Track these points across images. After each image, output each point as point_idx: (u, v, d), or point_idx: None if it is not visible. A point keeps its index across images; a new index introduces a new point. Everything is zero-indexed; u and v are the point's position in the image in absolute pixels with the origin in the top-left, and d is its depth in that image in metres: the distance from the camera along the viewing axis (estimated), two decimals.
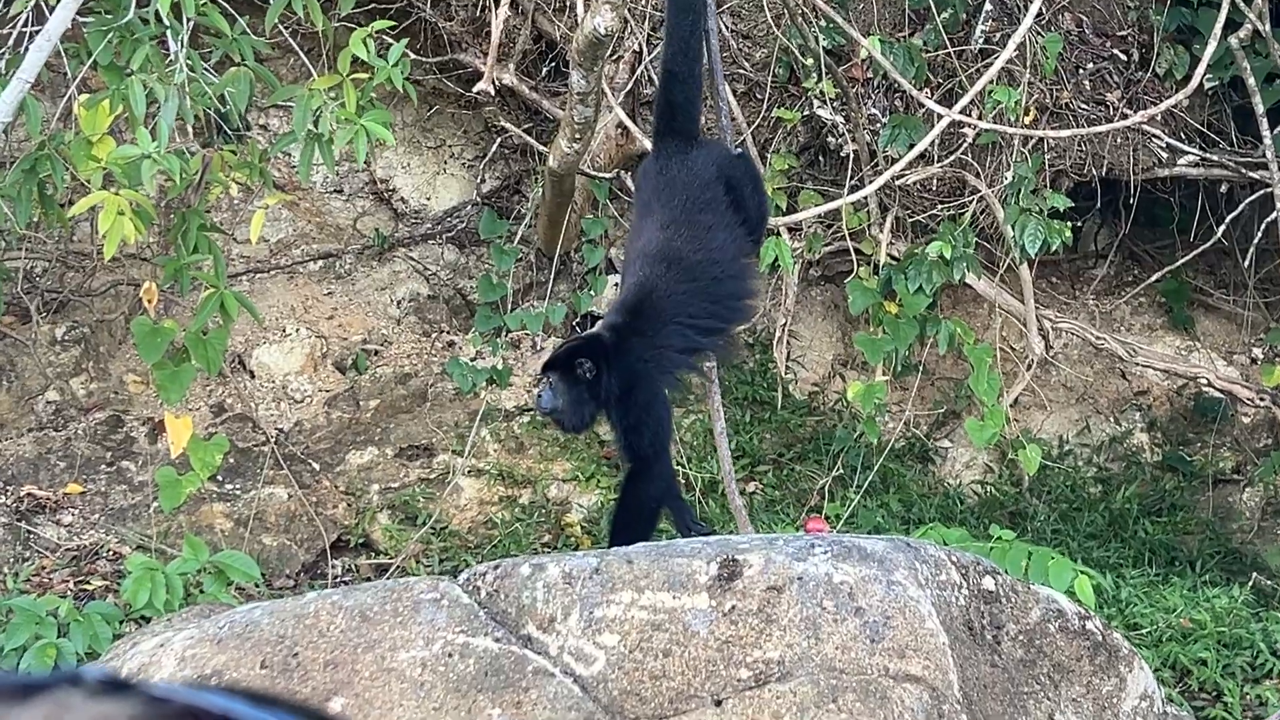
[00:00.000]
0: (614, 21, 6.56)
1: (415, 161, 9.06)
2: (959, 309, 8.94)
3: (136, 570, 6.52)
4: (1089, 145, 8.41)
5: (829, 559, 4.68)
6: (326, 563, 7.88)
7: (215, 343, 6.69)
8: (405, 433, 8.47)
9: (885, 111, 8.30)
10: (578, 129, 7.27)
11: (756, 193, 5.79)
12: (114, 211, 5.97)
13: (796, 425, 8.66)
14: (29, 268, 8.33)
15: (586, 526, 8.09)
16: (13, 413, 8.23)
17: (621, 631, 4.58)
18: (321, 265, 8.97)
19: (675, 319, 5.39)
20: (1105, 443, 9.09)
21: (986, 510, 8.40)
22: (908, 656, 4.56)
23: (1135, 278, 9.42)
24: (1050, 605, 5.03)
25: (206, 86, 6.29)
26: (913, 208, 8.49)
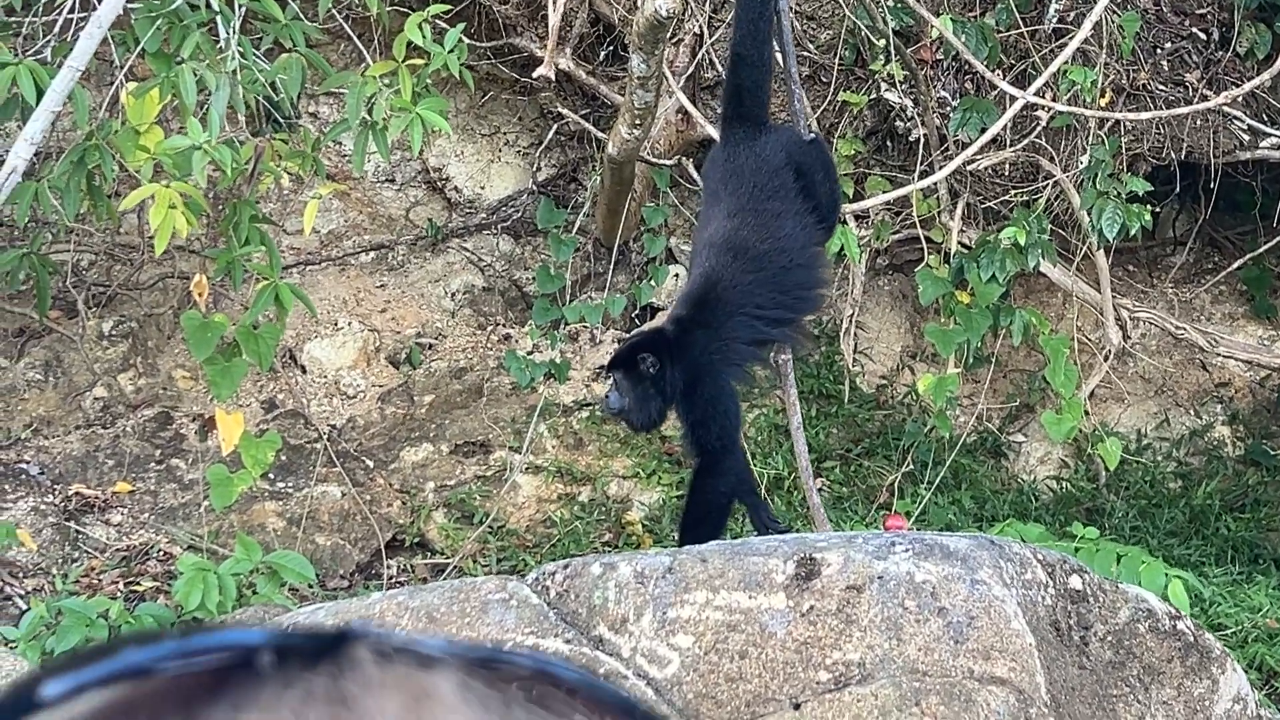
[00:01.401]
0: (675, 3, 6.43)
1: (469, 149, 8.95)
2: (1032, 298, 8.79)
3: (188, 571, 6.46)
4: (1167, 128, 8.24)
5: (910, 557, 4.61)
6: (381, 563, 7.78)
7: (267, 337, 6.59)
8: (461, 429, 8.35)
9: (955, 94, 8.14)
10: (638, 114, 7.15)
11: (828, 179, 5.69)
12: (165, 205, 5.84)
13: (864, 419, 8.53)
14: (76, 261, 8.24)
15: (648, 525, 7.96)
16: (60, 410, 8.14)
17: (696, 633, 4.52)
18: (374, 257, 8.88)
19: (742, 310, 5.32)
20: (1185, 436, 8.95)
21: (1062, 507, 8.25)
22: (993, 658, 4.50)
23: (1215, 265, 9.28)
24: (1140, 605, 4.90)
25: (258, 74, 6.15)
26: (984, 193, 8.33)
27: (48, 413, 8.13)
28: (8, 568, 7.37)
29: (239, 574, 6.52)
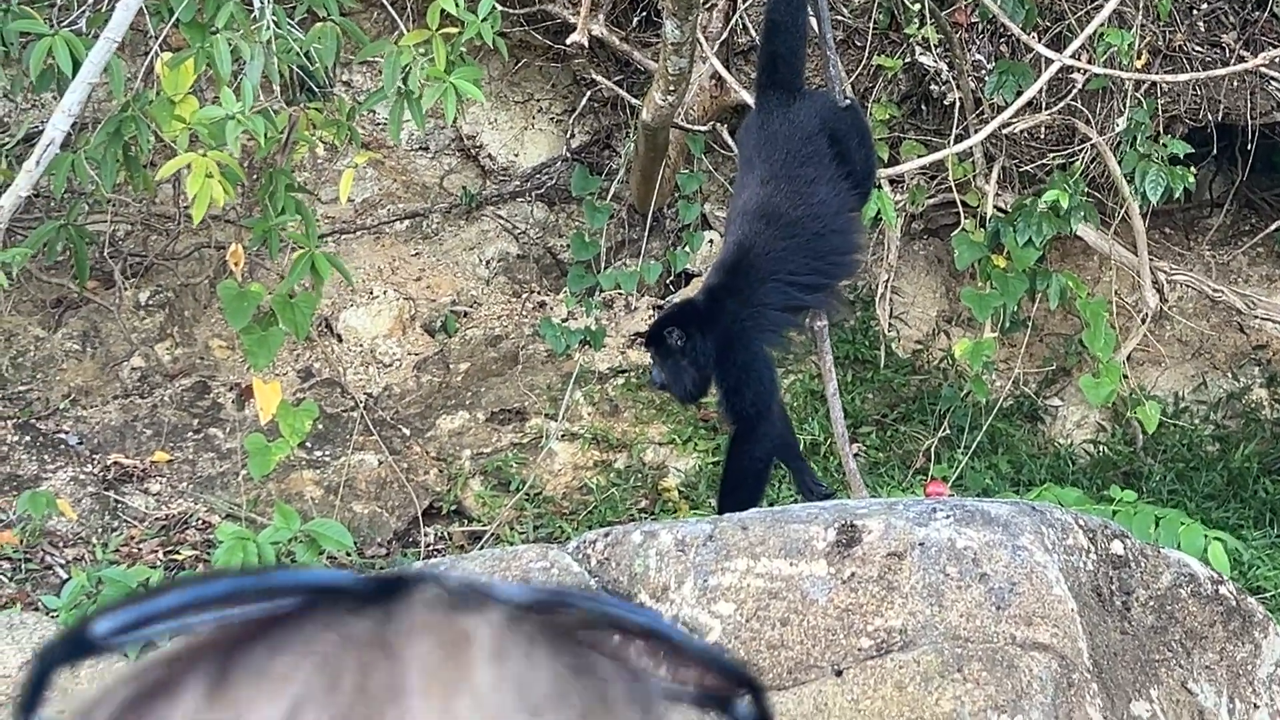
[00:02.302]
0: None
1: (502, 117, 8.92)
2: (1068, 261, 8.74)
3: (228, 539, 6.47)
4: (1204, 90, 8.18)
5: (951, 524, 4.60)
6: (419, 530, 7.79)
7: (303, 306, 6.59)
8: (496, 396, 8.34)
9: (991, 57, 8.08)
10: (672, 81, 7.12)
11: (863, 145, 5.68)
12: (202, 174, 5.84)
13: (900, 384, 8.50)
14: (112, 231, 8.24)
15: (684, 491, 7.95)
16: (98, 380, 8.16)
17: (737, 600, 4.52)
18: (408, 225, 8.87)
19: (774, 276, 5.32)
20: (1223, 399, 8.88)
21: (1099, 471, 8.20)
22: (1035, 624, 4.49)
23: (1253, 226, 9.20)
24: (1182, 570, 4.88)
25: (292, 43, 6.14)
26: (1020, 157, 8.29)
27: (86, 383, 8.15)
28: (48, 537, 7.40)
29: (278, 542, 6.51)
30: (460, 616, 0.72)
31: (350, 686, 0.69)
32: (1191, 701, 4.68)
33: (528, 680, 0.70)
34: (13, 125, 8.00)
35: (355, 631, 0.71)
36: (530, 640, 0.72)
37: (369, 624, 0.72)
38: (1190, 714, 4.68)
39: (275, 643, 0.71)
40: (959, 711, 4.34)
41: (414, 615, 0.72)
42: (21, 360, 8.14)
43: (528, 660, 0.71)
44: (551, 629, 0.73)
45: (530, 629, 0.73)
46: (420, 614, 0.72)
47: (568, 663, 0.72)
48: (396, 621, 0.72)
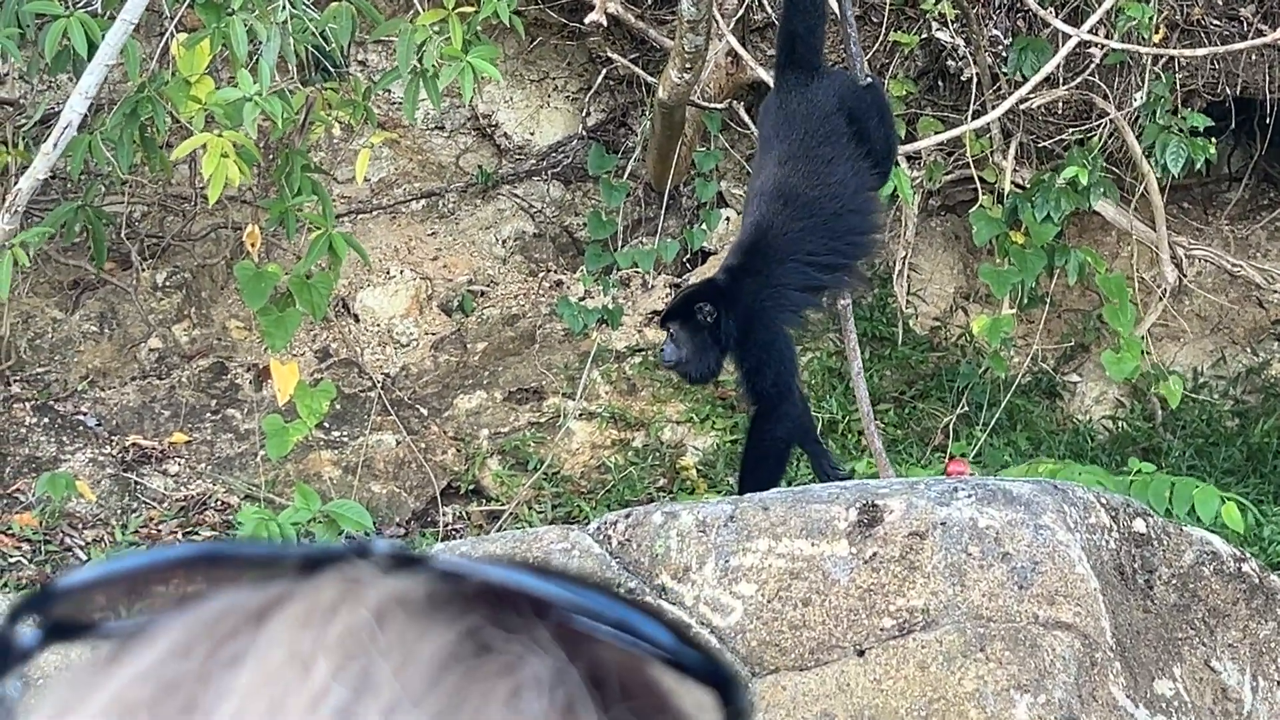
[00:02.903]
0: None
1: (518, 95, 8.89)
2: (1086, 237, 8.70)
3: (248, 521, 6.50)
4: (1222, 64, 8.14)
5: (973, 503, 4.60)
6: (437, 510, 7.80)
7: (320, 287, 6.60)
8: (514, 375, 8.34)
9: (1007, 33, 8.05)
10: (688, 58, 7.10)
11: (883, 125, 5.67)
12: (218, 154, 5.84)
13: (918, 361, 8.48)
14: (129, 213, 8.24)
15: (702, 470, 7.94)
16: (116, 361, 8.17)
17: (759, 581, 4.52)
18: (424, 204, 8.85)
19: (792, 257, 5.32)
20: (1242, 374, 8.87)
21: (1118, 447, 8.19)
22: (1058, 603, 4.49)
23: (1271, 201, 9.16)
24: (1204, 547, 4.87)
25: (308, 23, 6.13)
26: (1037, 133, 8.26)
27: (104, 364, 8.15)
28: (68, 519, 7.42)
29: (298, 523, 6.53)
30: (360, 589, 0.71)
31: (199, 655, 0.70)
32: (1214, 679, 4.68)
33: (389, 659, 0.69)
34: (29, 106, 8.00)
35: (244, 601, 0.72)
36: (417, 619, 0.71)
37: (266, 595, 0.72)
38: (1213, 692, 4.68)
39: (178, 612, 0.72)
40: (982, 691, 4.34)
41: (316, 586, 0.72)
42: (39, 342, 8.15)
43: (400, 639, 0.70)
44: (459, 608, 0.71)
45: (432, 607, 0.71)
46: (322, 586, 0.72)
47: (457, 647, 0.70)
48: (294, 592, 0.72)
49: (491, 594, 0.72)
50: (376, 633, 0.69)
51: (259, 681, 0.69)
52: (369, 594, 0.71)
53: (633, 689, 0.73)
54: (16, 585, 6.82)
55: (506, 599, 0.72)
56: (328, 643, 0.69)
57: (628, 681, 0.73)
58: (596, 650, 0.72)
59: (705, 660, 0.73)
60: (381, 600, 0.71)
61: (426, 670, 0.69)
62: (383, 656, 0.69)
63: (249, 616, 0.71)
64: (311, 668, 0.68)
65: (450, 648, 0.70)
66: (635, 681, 0.73)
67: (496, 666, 0.70)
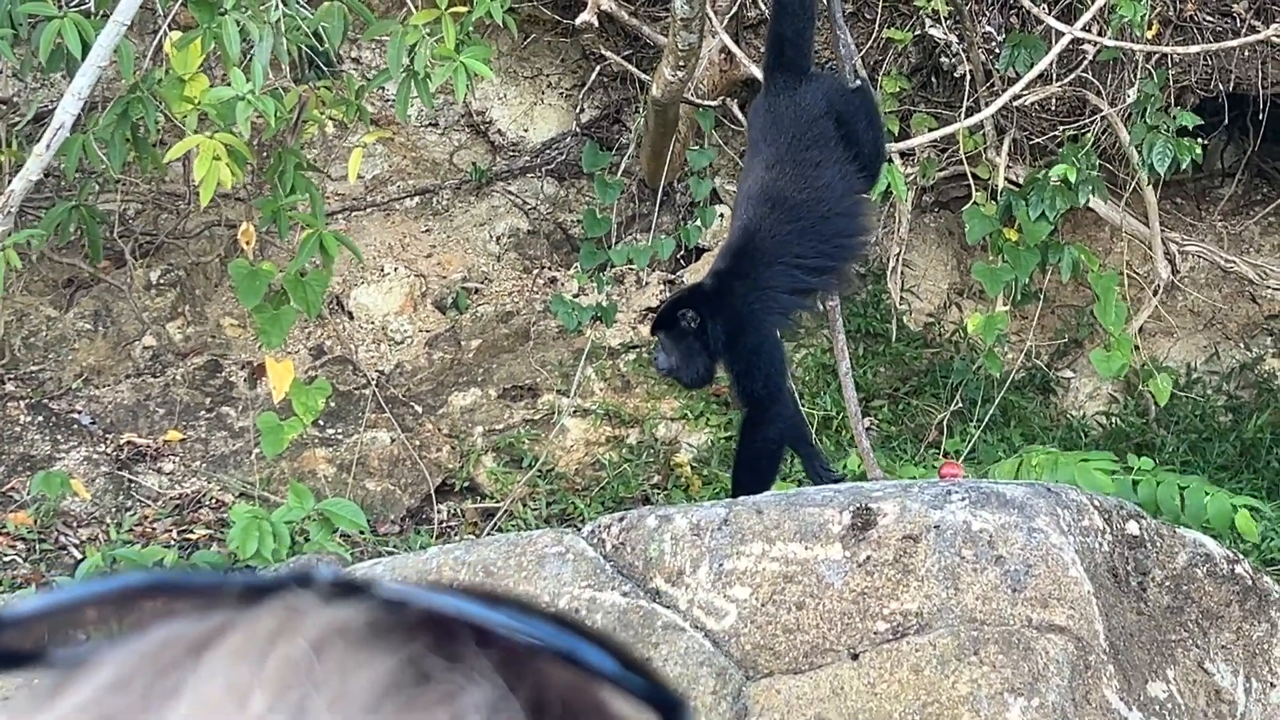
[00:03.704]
0: None
1: (512, 92, 8.88)
2: (1079, 233, 8.70)
3: (242, 519, 6.47)
4: (1215, 60, 8.13)
5: (967, 506, 4.61)
6: (432, 507, 7.80)
7: (315, 284, 6.59)
8: (508, 373, 8.34)
9: (1001, 29, 8.04)
10: (681, 56, 7.09)
11: (871, 127, 5.67)
12: (210, 156, 5.83)
13: (912, 358, 8.48)
14: (122, 211, 8.23)
15: (696, 467, 7.95)
16: (110, 359, 8.16)
17: (753, 584, 4.53)
18: (418, 202, 8.84)
19: (780, 259, 5.32)
20: (1235, 370, 8.87)
21: (1112, 442, 8.18)
22: (1051, 606, 4.49)
23: (1264, 196, 9.15)
24: (1197, 549, 4.88)
25: (301, 22, 6.12)
26: (1030, 129, 8.25)
27: (98, 362, 8.15)
28: (62, 517, 7.42)
29: (292, 522, 6.52)
30: (299, 619, 0.72)
31: (138, 688, 0.70)
32: (1208, 681, 4.69)
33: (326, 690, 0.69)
34: (22, 105, 7.99)
35: (184, 632, 0.72)
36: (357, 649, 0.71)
37: (206, 626, 0.72)
38: (1207, 694, 4.68)
39: (119, 643, 0.73)
40: (975, 694, 4.35)
41: (256, 617, 0.72)
42: (34, 340, 8.14)
43: (339, 669, 0.70)
44: (400, 637, 0.72)
45: (373, 637, 0.71)
46: (262, 616, 0.72)
47: (396, 676, 0.70)
48: (234, 623, 0.72)
49: (434, 622, 0.72)
50: (314, 663, 0.70)
51: (196, 713, 0.69)
52: (308, 624, 0.71)
53: (578, 713, 0.73)
54: (12, 584, 6.82)
55: (449, 627, 0.72)
56: (265, 674, 0.69)
57: (573, 706, 0.73)
58: (541, 676, 0.73)
59: (650, 685, 0.73)
60: (321, 630, 0.71)
61: (364, 700, 0.69)
62: (320, 687, 0.69)
63: (188, 648, 0.71)
64: (248, 699, 0.69)
65: (389, 677, 0.70)
66: (581, 706, 0.73)
67: (436, 695, 0.70)
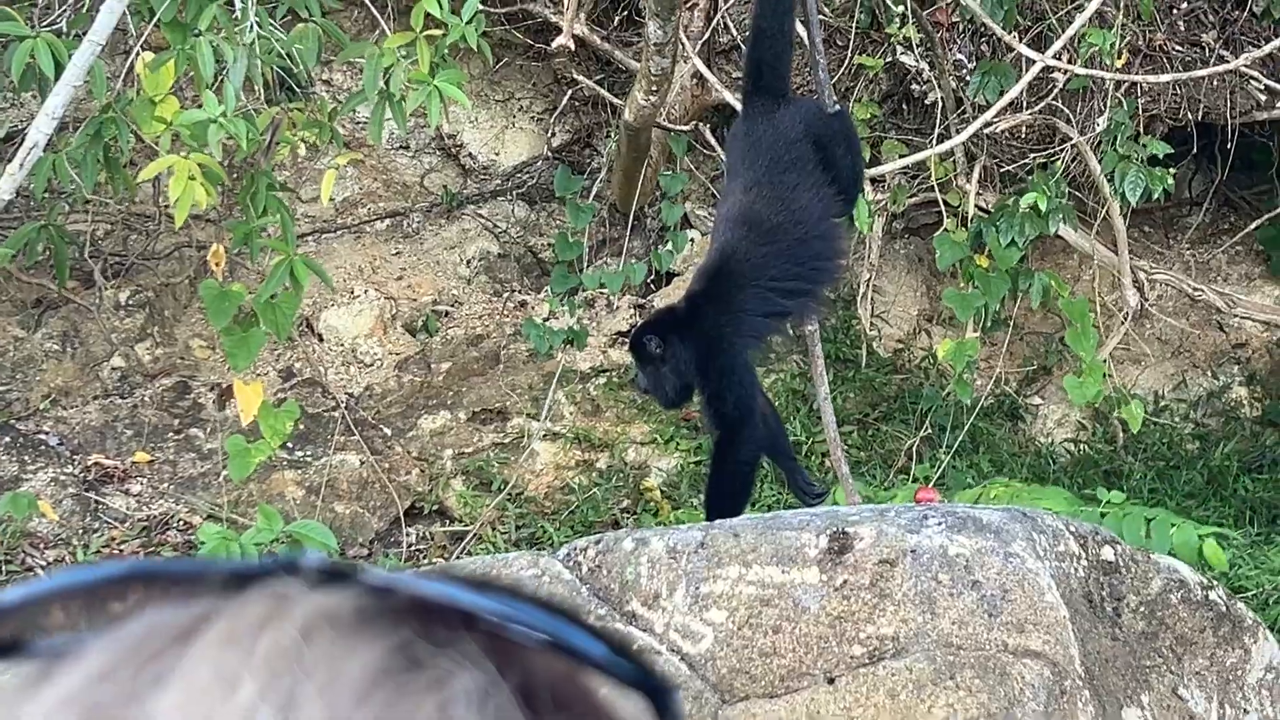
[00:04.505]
0: None
1: (483, 115, 8.87)
2: (1049, 260, 8.73)
3: (211, 540, 6.45)
4: (1184, 89, 8.18)
5: (943, 530, 4.60)
6: (400, 531, 7.78)
7: (285, 307, 6.56)
8: (478, 396, 8.32)
9: (972, 57, 8.07)
10: (654, 81, 7.11)
11: (849, 152, 5.68)
12: (184, 176, 5.81)
13: (881, 384, 8.49)
14: (92, 231, 8.19)
15: (666, 491, 7.94)
16: (78, 380, 8.11)
17: (729, 608, 4.51)
18: (389, 224, 8.82)
19: (755, 282, 5.32)
20: (1203, 397, 8.90)
21: (1080, 470, 8.22)
22: (1027, 631, 4.50)
23: (1232, 225, 9.19)
24: (1172, 575, 4.89)
25: (274, 44, 6.10)
26: (1000, 156, 8.28)
27: (66, 383, 8.10)
28: (29, 539, 7.37)
29: (261, 543, 6.50)
30: (287, 605, 0.71)
31: (125, 677, 0.70)
32: (1182, 707, 4.70)
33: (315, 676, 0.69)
34: None
35: (170, 620, 0.72)
36: (346, 635, 0.70)
37: (193, 613, 0.72)
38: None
39: (104, 632, 0.72)
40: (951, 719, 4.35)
41: (243, 604, 0.71)
42: (1, 361, 8.09)
43: (328, 655, 0.69)
44: (388, 623, 0.71)
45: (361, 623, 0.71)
46: (249, 603, 0.71)
47: (386, 662, 0.70)
48: (221, 610, 0.71)
49: (422, 608, 0.72)
50: (303, 650, 0.69)
51: (185, 702, 0.68)
52: (296, 611, 0.71)
53: (566, 699, 0.73)
54: None
55: (437, 613, 0.72)
56: (254, 661, 0.69)
57: (561, 692, 0.73)
58: (529, 662, 0.72)
59: (637, 670, 0.73)
60: (308, 617, 0.70)
61: (354, 687, 0.69)
62: (309, 674, 0.69)
63: (175, 636, 0.71)
64: (237, 687, 0.68)
65: (378, 663, 0.69)
66: (569, 692, 0.73)
67: (425, 681, 0.70)
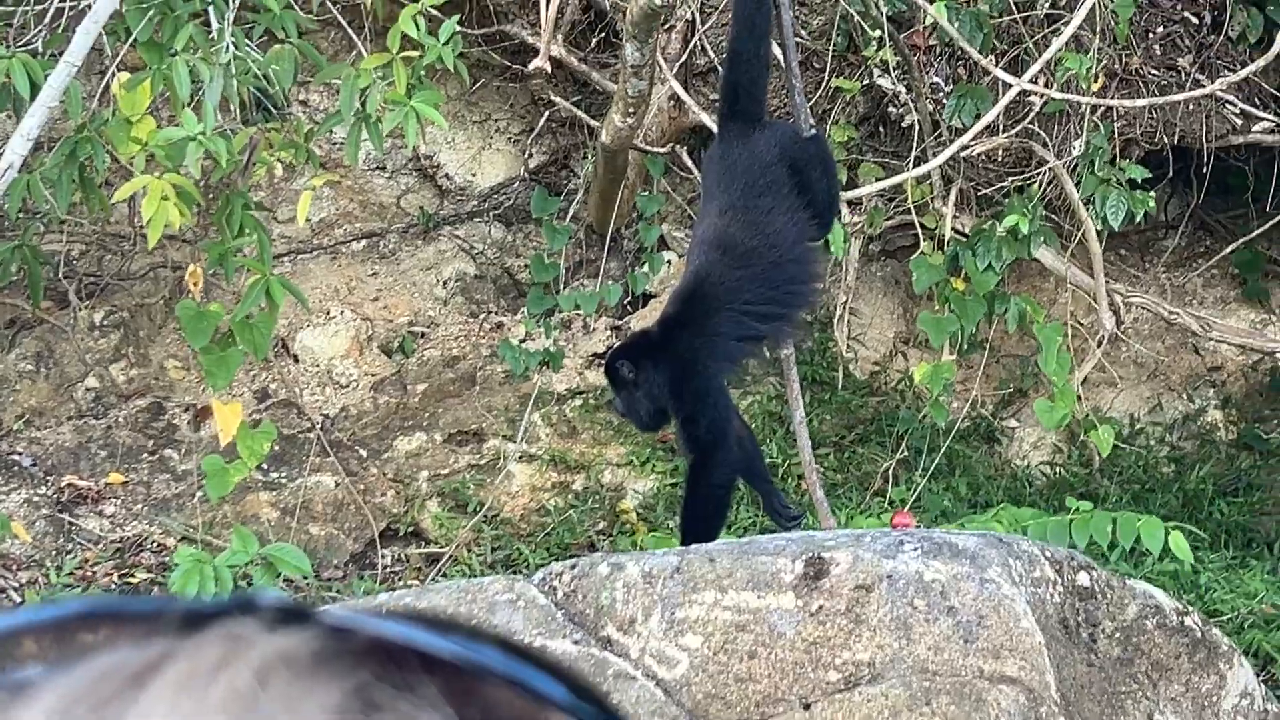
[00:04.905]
0: None
1: (460, 136, 8.86)
2: (1024, 283, 8.74)
3: (185, 563, 6.40)
4: (1160, 113, 8.19)
5: (919, 556, 4.61)
6: (376, 552, 7.76)
7: (262, 327, 6.54)
8: (454, 418, 8.31)
9: (948, 80, 8.08)
10: (631, 103, 7.11)
11: (825, 175, 5.69)
12: (158, 196, 5.79)
13: (858, 406, 8.49)
14: (66, 251, 8.17)
15: (642, 513, 7.94)
16: (52, 400, 8.08)
17: (705, 633, 4.51)
18: (365, 245, 8.80)
19: (729, 306, 5.32)
20: (1178, 421, 8.91)
21: (1056, 492, 8.22)
22: (1003, 657, 4.51)
23: (1208, 249, 9.20)
24: (1148, 601, 4.91)
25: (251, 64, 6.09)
26: (977, 179, 8.29)
27: (39, 404, 8.07)
28: (1, 560, 7.34)
29: (235, 566, 6.47)
30: (243, 647, 0.70)
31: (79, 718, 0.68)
32: None
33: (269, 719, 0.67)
34: None
35: (125, 662, 0.70)
36: (303, 678, 0.69)
37: (147, 655, 0.70)
38: None
39: (56, 673, 0.71)
40: None
41: (198, 645, 0.70)
42: None
43: (285, 698, 0.68)
44: (346, 665, 0.70)
45: (319, 665, 0.69)
46: (205, 645, 0.70)
47: (344, 706, 0.68)
48: (176, 652, 0.70)
49: (381, 650, 0.71)
50: (259, 694, 0.68)
51: None
52: (252, 653, 0.69)
53: None
54: None
55: (396, 654, 0.71)
56: (209, 706, 0.67)
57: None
58: (490, 702, 0.71)
59: (599, 713, 0.73)
60: (265, 659, 0.69)
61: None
62: (266, 718, 0.67)
63: (129, 679, 0.69)
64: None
65: (336, 706, 0.68)
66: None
67: None
